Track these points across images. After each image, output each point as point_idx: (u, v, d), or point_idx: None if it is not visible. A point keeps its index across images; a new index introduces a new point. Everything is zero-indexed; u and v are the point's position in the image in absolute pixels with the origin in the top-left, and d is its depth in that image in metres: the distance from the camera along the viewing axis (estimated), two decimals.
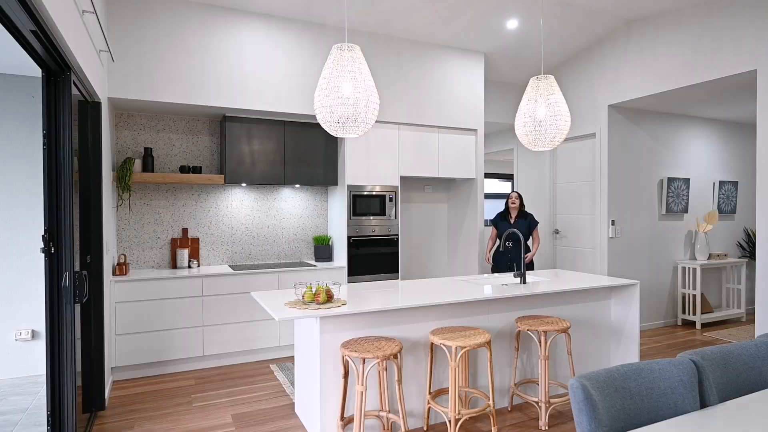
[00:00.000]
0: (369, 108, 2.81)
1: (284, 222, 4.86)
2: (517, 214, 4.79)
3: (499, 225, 4.88)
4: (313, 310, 2.55)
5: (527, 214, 4.79)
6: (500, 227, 4.86)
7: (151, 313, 3.84)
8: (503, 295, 3.05)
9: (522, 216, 4.78)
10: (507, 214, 4.84)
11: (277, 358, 4.31)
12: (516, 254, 4.73)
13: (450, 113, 5.06)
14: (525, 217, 4.77)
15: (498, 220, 4.92)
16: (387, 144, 4.77)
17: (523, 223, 4.74)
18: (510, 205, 4.80)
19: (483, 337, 2.74)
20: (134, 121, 4.27)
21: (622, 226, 5.21)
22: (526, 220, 4.74)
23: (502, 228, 4.83)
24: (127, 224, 4.24)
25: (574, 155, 5.59)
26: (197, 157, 4.51)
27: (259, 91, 4.20)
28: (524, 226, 4.72)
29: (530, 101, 3.56)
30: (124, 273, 3.87)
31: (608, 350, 3.73)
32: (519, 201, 4.77)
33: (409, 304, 2.74)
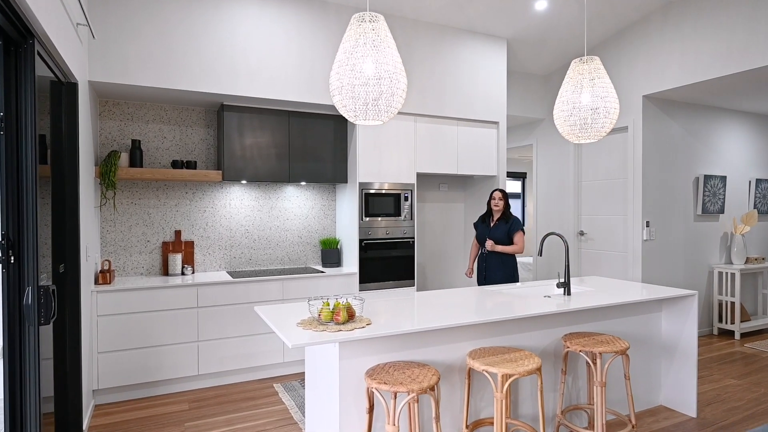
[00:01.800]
0: (396, 90, 2.36)
1: (288, 223, 4.40)
2: (500, 217, 3.99)
3: (477, 228, 4.15)
4: (332, 332, 2.10)
5: (511, 216, 3.97)
6: (477, 231, 4.14)
7: (139, 327, 3.37)
8: (554, 310, 2.60)
9: (504, 219, 3.96)
10: (488, 217, 4.09)
11: (281, 376, 3.85)
12: (491, 264, 3.97)
13: (470, 104, 4.61)
14: (507, 219, 3.94)
15: (478, 223, 4.17)
16: (402, 137, 4.32)
17: (502, 227, 3.93)
18: (492, 206, 4.00)
19: (532, 363, 2.29)
20: (120, 110, 3.80)
21: (657, 227, 4.78)
22: (507, 224, 3.92)
23: (478, 232, 4.12)
24: (111, 226, 3.77)
25: (602, 151, 5.15)
26: (191, 151, 4.04)
27: (261, 76, 3.74)
28: (502, 232, 3.92)
29: (573, 87, 3.13)
30: (108, 281, 3.40)
31: (658, 369, 3.29)
32: (504, 201, 3.98)
33: (446, 323, 2.29)
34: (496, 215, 4.01)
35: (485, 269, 4.00)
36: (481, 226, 4.09)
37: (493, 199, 4.00)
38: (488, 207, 4.06)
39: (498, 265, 3.94)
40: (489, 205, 4.05)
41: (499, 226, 3.95)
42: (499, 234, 3.93)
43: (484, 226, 4.06)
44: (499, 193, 3.99)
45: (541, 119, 5.81)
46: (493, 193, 4.02)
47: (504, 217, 3.95)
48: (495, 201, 3.98)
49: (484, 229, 4.05)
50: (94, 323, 3.25)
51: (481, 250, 4.05)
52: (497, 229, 3.96)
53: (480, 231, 4.09)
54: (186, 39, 3.49)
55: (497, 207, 3.97)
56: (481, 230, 4.08)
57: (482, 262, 4.04)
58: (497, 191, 3.99)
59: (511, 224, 3.92)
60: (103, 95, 3.64)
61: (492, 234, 3.96)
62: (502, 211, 3.97)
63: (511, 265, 3.94)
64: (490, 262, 3.98)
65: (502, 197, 3.98)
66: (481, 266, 4.05)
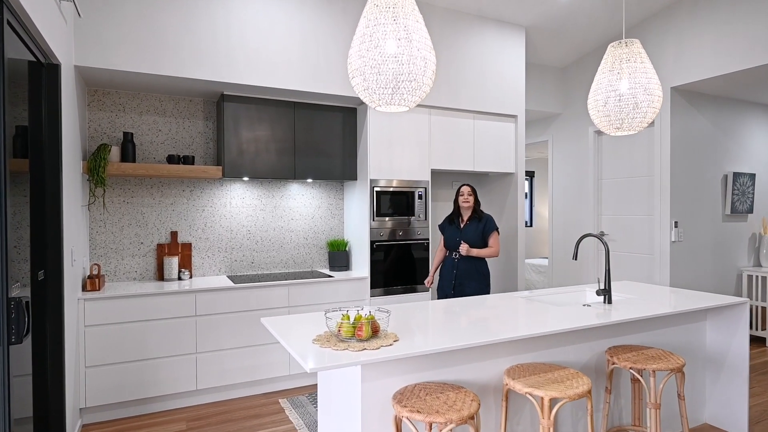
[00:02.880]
0: (426, 70, 2.06)
1: (293, 224, 4.09)
2: (471, 215, 3.50)
3: (445, 231, 3.60)
4: (355, 351, 1.79)
5: (483, 215, 3.49)
6: (445, 234, 3.59)
7: (131, 338, 3.06)
8: (603, 322, 2.30)
9: (476, 218, 3.48)
10: (457, 217, 3.58)
11: (287, 390, 3.54)
12: (464, 272, 3.44)
13: (486, 96, 4.31)
14: (479, 218, 3.47)
15: (445, 224, 3.61)
16: (416, 131, 4.01)
17: (475, 227, 3.45)
18: (461, 203, 3.50)
19: (582, 384, 1.99)
20: (111, 100, 3.48)
21: (684, 228, 4.49)
22: (480, 223, 3.45)
23: (447, 235, 3.57)
24: (101, 227, 3.45)
25: (624, 147, 4.86)
26: (189, 145, 3.73)
27: (260, 62, 3.43)
28: (476, 233, 3.43)
29: (611, 73, 2.84)
30: (97, 288, 3.09)
31: (702, 384, 3.00)
32: (473, 197, 3.50)
33: (486, 338, 1.98)
34: (466, 214, 3.52)
35: (456, 278, 3.45)
36: (450, 228, 3.56)
37: (461, 195, 3.50)
38: (455, 205, 3.57)
39: (472, 272, 3.44)
40: (456, 203, 3.55)
41: (472, 227, 3.47)
42: (472, 235, 3.44)
43: (453, 228, 3.54)
44: (467, 187, 3.51)
45: (558, 114, 5.52)
46: (460, 189, 3.52)
47: (476, 216, 3.48)
48: (464, 197, 3.48)
49: (454, 231, 3.53)
50: (81, 334, 2.93)
51: (452, 255, 3.50)
52: (469, 230, 3.46)
53: (449, 234, 3.55)
54: (177, 21, 3.18)
55: (467, 204, 3.48)
56: (450, 233, 3.55)
57: (452, 269, 3.48)
58: (465, 186, 3.52)
59: (486, 224, 3.46)
60: (92, 83, 3.32)
61: (464, 236, 3.46)
62: (472, 209, 3.50)
63: (486, 273, 3.50)
64: (463, 269, 3.44)
65: (472, 192, 3.50)
66: (450, 274, 3.49)
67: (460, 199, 3.51)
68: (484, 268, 3.49)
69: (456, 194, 3.56)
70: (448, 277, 3.51)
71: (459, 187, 3.54)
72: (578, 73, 5.29)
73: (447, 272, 3.53)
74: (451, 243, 3.52)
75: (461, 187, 3.52)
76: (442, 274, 3.58)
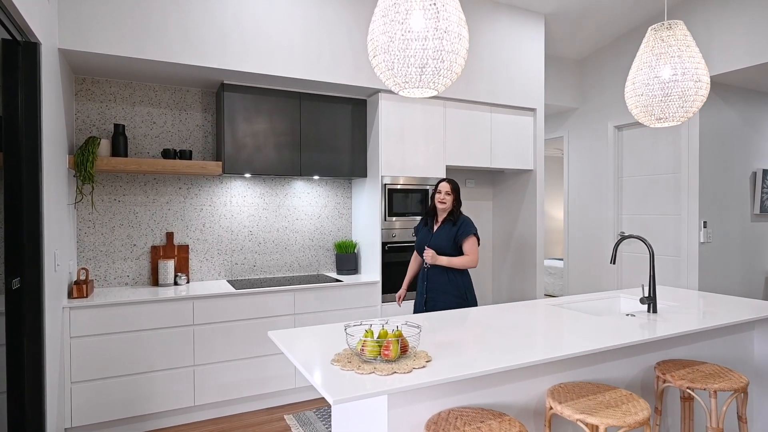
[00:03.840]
0: (459, 48, 1.79)
1: (298, 224, 3.81)
2: (445, 217, 2.90)
3: (418, 235, 3.05)
4: (384, 375, 1.52)
5: (460, 216, 2.88)
6: (417, 239, 3.04)
7: (122, 350, 2.78)
8: (658, 336, 2.03)
9: (450, 220, 2.87)
10: (431, 217, 2.99)
11: (293, 404, 3.26)
12: (434, 284, 2.84)
13: (504, 88, 4.04)
14: (454, 221, 2.86)
15: (419, 227, 3.06)
16: (430, 125, 3.74)
17: (448, 231, 2.85)
18: (437, 202, 2.89)
19: (640, 409, 1.73)
20: (100, 90, 3.19)
21: (713, 228, 4.23)
22: (454, 227, 2.84)
23: (417, 240, 3.03)
24: (90, 227, 3.16)
25: (647, 143, 4.60)
26: (186, 139, 3.45)
27: (263, 48, 3.15)
28: (447, 238, 2.83)
29: (652, 58, 2.57)
30: (85, 294, 2.80)
31: (749, 399, 2.73)
32: (452, 196, 2.88)
33: (530, 359, 1.71)
34: (442, 215, 2.90)
35: (427, 291, 2.87)
36: (423, 231, 2.99)
37: (438, 193, 2.88)
38: (431, 204, 2.98)
39: (444, 284, 2.82)
40: (433, 201, 2.96)
41: (444, 231, 2.86)
42: (443, 240, 2.83)
43: (425, 231, 2.96)
44: (447, 184, 2.88)
45: (574, 108, 5.26)
46: (438, 186, 2.91)
47: (450, 218, 2.87)
48: (441, 195, 2.87)
49: (425, 235, 2.95)
50: (65, 347, 2.64)
51: (424, 264, 2.92)
52: (441, 235, 2.85)
53: (419, 238, 2.99)
54: (167, 1, 2.89)
55: (443, 204, 2.86)
56: (421, 236, 2.98)
57: (422, 281, 2.91)
58: (444, 182, 2.90)
59: (460, 227, 2.82)
60: (80, 70, 3.04)
61: (434, 241, 2.85)
62: (449, 210, 2.89)
63: (463, 285, 2.85)
64: (433, 281, 2.85)
65: (451, 191, 2.87)
66: (421, 287, 2.92)
67: (437, 197, 2.89)
68: (460, 279, 2.84)
69: (433, 191, 2.95)
70: (419, 291, 2.95)
71: (437, 182, 2.94)
72: (595, 66, 5.03)
73: (419, 285, 2.97)
74: (420, 248, 2.93)
75: (440, 183, 2.91)
76: (417, 285, 3.02)
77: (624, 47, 4.69)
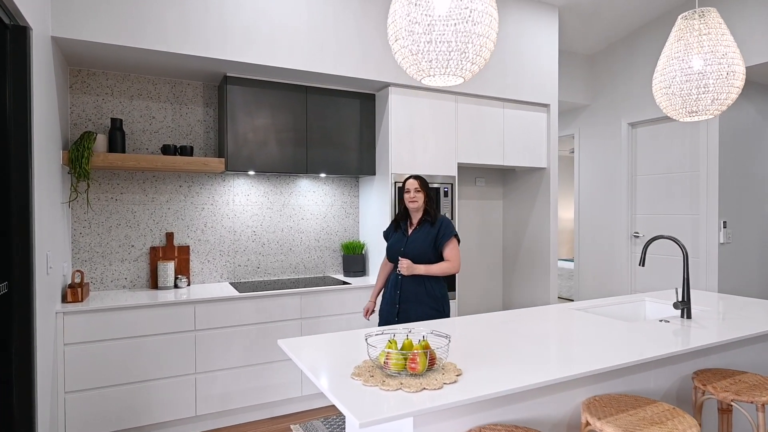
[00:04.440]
0: (489, 31, 1.64)
1: (303, 224, 3.65)
2: (421, 218, 2.59)
3: (389, 239, 2.71)
4: (411, 392, 1.36)
5: (438, 216, 2.58)
6: (389, 243, 2.70)
7: (120, 357, 2.61)
8: (701, 344, 1.88)
9: (427, 221, 2.56)
10: (405, 220, 2.67)
11: (300, 413, 3.10)
12: (409, 294, 2.52)
13: (517, 82, 3.89)
14: (432, 222, 2.56)
15: (390, 231, 2.74)
16: (441, 121, 3.59)
17: (427, 234, 2.54)
18: (407, 201, 2.59)
19: (688, 427, 1.57)
20: (97, 82, 3.03)
21: (732, 229, 4.09)
22: (434, 228, 2.54)
23: (389, 245, 2.69)
24: (86, 227, 3.00)
25: (662, 140, 4.46)
26: (187, 135, 3.28)
27: (265, 38, 2.99)
28: (426, 242, 2.52)
29: (684, 48, 2.42)
30: (80, 298, 2.64)
31: None
32: (422, 193, 2.56)
33: (569, 372, 1.56)
34: (416, 217, 2.60)
35: (400, 301, 2.53)
36: (395, 236, 2.66)
37: (407, 192, 2.57)
38: (401, 206, 2.68)
39: (420, 295, 2.51)
40: (402, 203, 2.65)
41: (421, 234, 2.55)
42: (421, 245, 2.52)
43: (398, 235, 2.64)
44: (414, 181, 2.57)
45: (585, 105, 5.11)
46: (405, 184, 2.59)
47: (427, 219, 2.57)
48: (410, 194, 2.55)
49: (398, 239, 2.62)
50: (59, 354, 2.48)
51: (396, 271, 2.59)
52: (418, 238, 2.54)
53: (392, 243, 2.66)
54: None
55: (415, 203, 2.55)
56: (394, 241, 2.65)
57: (395, 290, 2.57)
58: (411, 179, 2.58)
59: (440, 228, 2.53)
60: (75, 61, 2.87)
61: (411, 246, 2.54)
62: (423, 209, 2.58)
63: (441, 296, 2.55)
64: (408, 290, 2.52)
65: (420, 187, 2.55)
66: (393, 296, 2.57)
67: (406, 197, 2.58)
68: (437, 289, 2.53)
69: (402, 190, 2.65)
70: (390, 300, 2.59)
71: (405, 180, 2.61)
72: (608, 62, 4.89)
73: (389, 294, 2.61)
74: (394, 255, 2.61)
75: (406, 181, 2.60)
76: (385, 296, 2.67)
77: (638, 42, 4.55)
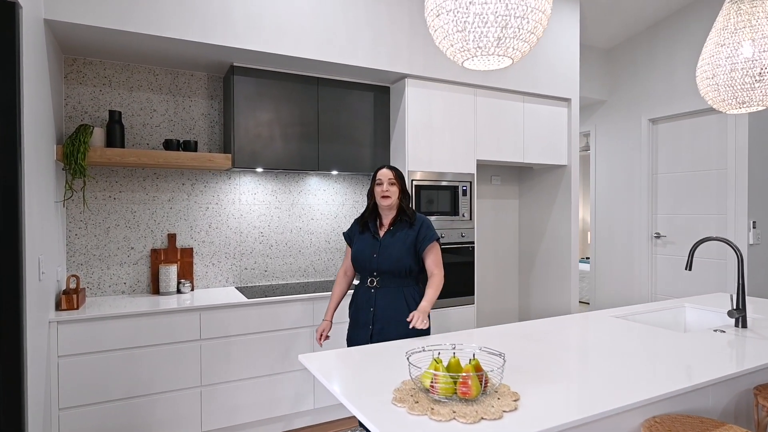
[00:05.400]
0: (544, 5, 1.44)
1: (313, 224, 3.44)
2: (395, 216, 2.19)
3: (354, 242, 2.25)
4: (469, 422, 1.16)
5: (415, 215, 2.18)
6: (355, 247, 2.23)
7: (119, 370, 2.40)
8: (765, 362, 1.69)
9: (404, 220, 2.17)
10: (373, 220, 2.23)
11: (312, 426, 2.90)
12: (386, 309, 2.11)
13: (537, 75, 3.70)
14: (410, 222, 2.16)
15: (354, 231, 2.27)
16: (460, 115, 3.39)
17: (404, 237, 2.13)
18: (379, 195, 2.16)
19: None
20: (94, 72, 2.82)
21: (762, 228, 3.91)
22: (412, 230, 2.14)
23: (358, 249, 2.21)
24: (82, 228, 2.79)
25: (686, 136, 4.28)
26: (190, 129, 3.08)
27: (276, 25, 2.78)
28: (404, 246, 2.11)
29: (729, 34, 2.23)
30: (75, 306, 2.43)
31: None
32: (397, 186, 2.16)
33: (642, 396, 1.36)
34: (388, 215, 2.18)
35: (375, 320, 2.10)
36: (362, 239, 2.20)
37: (378, 185, 2.15)
38: (369, 200, 2.24)
39: (401, 310, 2.09)
40: (371, 198, 2.22)
41: (397, 236, 2.13)
42: (397, 249, 2.11)
43: (366, 239, 2.18)
44: (389, 171, 2.16)
45: (602, 101, 4.92)
46: (377, 175, 2.17)
47: (404, 219, 2.16)
48: (383, 188, 2.13)
49: (367, 243, 2.17)
50: (52, 367, 2.27)
51: (367, 282, 2.15)
52: (393, 241, 2.12)
53: (361, 247, 2.18)
54: None
55: (388, 198, 2.12)
56: (362, 245, 2.18)
57: (366, 307, 2.14)
58: (385, 169, 2.18)
59: (420, 229, 2.13)
60: (70, 49, 2.66)
61: (385, 252, 2.12)
62: (396, 206, 2.17)
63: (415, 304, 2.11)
64: (384, 308, 2.10)
65: (394, 178, 2.15)
66: (365, 317, 2.13)
67: (378, 191, 2.15)
68: (417, 299, 2.12)
69: (371, 182, 2.21)
70: (362, 318, 2.14)
71: (377, 170, 2.20)
72: (627, 55, 4.70)
73: (361, 310, 2.16)
74: (364, 263, 2.16)
75: (378, 172, 2.18)
76: (352, 315, 2.22)
77: (660, 34, 4.37)
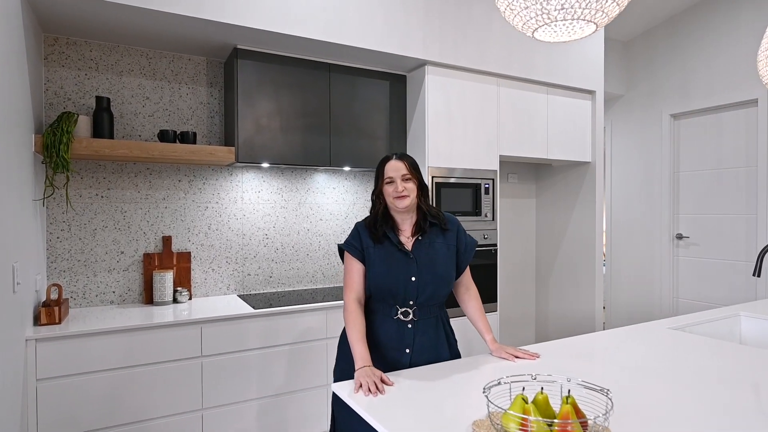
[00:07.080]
0: None
1: (322, 225, 3.15)
2: (418, 218, 1.68)
3: (375, 257, 1.64)
4: None
5: (441, 215, 1.71)
6: (379, 264, 1.63)
7: (108, 394, 2.09)
8: None
9: (433, 224, 1.69)
10: (389, 227, 1.66)
11: None
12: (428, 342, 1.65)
13: (562, 65, 3.45)
14: (441, 224, 1.69)
15: (364, 244, 1.66)
16: (482, 107, 3.13)
17: (442, 246, 1.67)
18: (394, 198, 1.62)
19: None
20: (78, 53, 2.49)
21: None
22: (449, 236, 1.70)
23: (384, 267, 1.62)
24: (64, 230, 2.46)
25: (711, 132, 4.07)
26: (188, 119, 2.76)
27: (288, 3, 2.49)
28: (445, 259, 1.66)
29: None
30: (57, 320, 2.10)
31: None
32: (414, 180, 1.64)
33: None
34: (406, 220, 1.68)
35: (411, 363, 1.61)
36: (379, 253, 1.64)
37: (390, 183, 1.63)
38: (376, 203, 1.67)
39: (441, 346, 1.68)
40: (379, 199, 1.67)
41: (434, 246, 1.66)
42: (442, 264, 1.65)
43: (390, 253, 1.63)
44: (401, 163, 1.64)
45: (619, 96, 4.70)
46: (385, 168, 1.65)
47: (432, 221, 1.68)
48: (396, 185, 1.61)
49: (397, 258, 1.63)
50: (30, 393, 1.95)
51: (396, 314, 1.63)
52: (433, 253, 1.65)
53: (387, 268, 1.62)
54: None
55: (404, 198, 1.62)
56: (389, 266, 1.62)
57: (397, 343, 1.63)
58: (395, 160, 1.65)
59: (459, 234, 1.71)
60: (51, 27, 2.34)
61: (426, 268, 1.63)
62: (416, 207, 1.67)
63: (455, 340, 1.77)
64: (426, 342, 1.64)
65: (409, 172, 1.64)
66: (395, 354, 1.62)
67: (390, 190, 1.63)
68: (451, 330, 1.76)
69: (377, 179, 1.67)
70: (391, 362, 1.62)
71: (383, 163, 1.67)
72: (645, 48, 4.49)
73: (389, 350, 1.63)
74: (397, 287, 1.61)
75: (386, 164, 1.66)
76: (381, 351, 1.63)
77: (681, 26, 4.16)
